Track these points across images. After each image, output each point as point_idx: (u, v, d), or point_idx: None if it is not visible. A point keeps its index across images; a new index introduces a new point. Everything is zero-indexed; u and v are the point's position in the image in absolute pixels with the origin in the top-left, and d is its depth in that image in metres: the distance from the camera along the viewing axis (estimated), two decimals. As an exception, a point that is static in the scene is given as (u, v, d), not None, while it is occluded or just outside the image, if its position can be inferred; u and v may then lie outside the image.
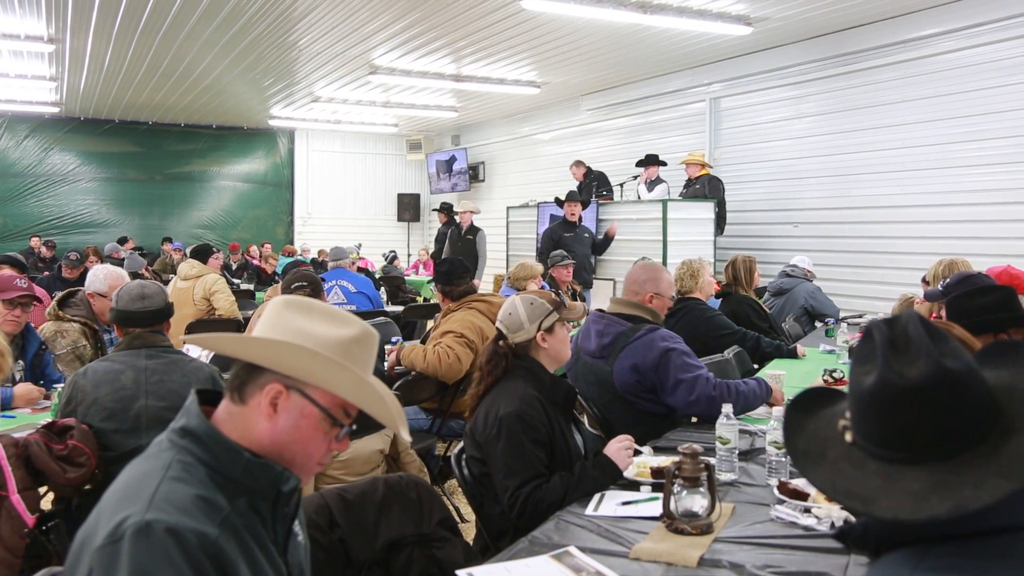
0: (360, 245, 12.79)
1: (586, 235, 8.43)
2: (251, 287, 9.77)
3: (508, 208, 11.06)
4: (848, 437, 1.14)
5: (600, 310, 3.39)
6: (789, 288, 6.62)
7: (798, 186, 8.78)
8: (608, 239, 8.61)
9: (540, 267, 6.55)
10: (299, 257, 13.01)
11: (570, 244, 8.05)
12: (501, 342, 2.66)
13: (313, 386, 1.44)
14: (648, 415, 3.18)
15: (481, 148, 15.26)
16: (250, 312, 6.30)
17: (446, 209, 11.68)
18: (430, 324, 5.78)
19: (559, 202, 8.62)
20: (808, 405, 1.26)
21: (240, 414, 1.44)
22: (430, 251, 13.40)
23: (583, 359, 3.34)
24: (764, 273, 7.27)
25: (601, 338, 3.27)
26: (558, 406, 2.59)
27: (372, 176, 16.85)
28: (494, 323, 4.28)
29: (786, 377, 3.63)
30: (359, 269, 8.51)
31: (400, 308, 7.52)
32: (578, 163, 10.44)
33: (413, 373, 4.05)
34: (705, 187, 8.85)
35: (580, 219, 8.58)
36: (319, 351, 1.44)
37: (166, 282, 6.66)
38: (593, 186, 9.89)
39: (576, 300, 6.99)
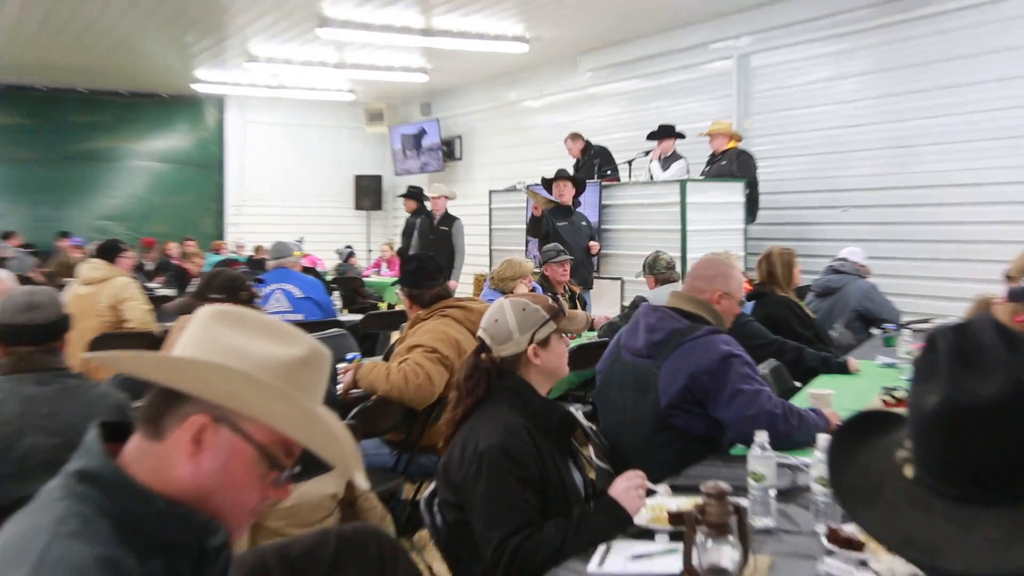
0: (302, 240, 12.76)
1: (583, 223, 8.46)
2: (171, 293, 9.73)
3: (491, 192, 11.09)
4: (909, 472, 1.14)
5: (650, 304, 3.46)
6: (838, 287, 6.66)
7: (847, 161, 8.85)
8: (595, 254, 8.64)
9: (530, 264, 6.55)
10: (231, 255, 12.98)
11: (566, 234, 8.07)
12: (484, 356, 2.66)
13: (248, 418, 1.43)
14: (684, 436, 3.22)
15: (457, 119, 15.28)
16: (169, 324, 6.27)
17: (415, 194, 11.67)
18: (395, 336, 5.77)
19: (546, 183, 8.65)
20: (859, 432, 1.27)
21: (155, 453, 1.43)
22: (395, 246, 13.40)
23: (624, 358, 3.39)
24: (807, 269, 7.29)
25: (651, 333, 3.32)
26: (552, 436, 2.58)
27: (323, 154, 16.85)
28: (474, 334, 4.28)
29: (835, 397, 3.65)
30: (305, 269, 8.49)
31: (358, 317, 7.51)
32: (575, 136, 10.48)
33: (374, 397, 4.04)
34: (733, 163, 8.90)
35: (576, 204, 8.60)
36: (256, 374, 1.43)
37: (62, 287, 6.60)
38: (594, 164, 9.93)
39: (576, 306, 7.02)
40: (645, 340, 3.33)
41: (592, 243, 8.38)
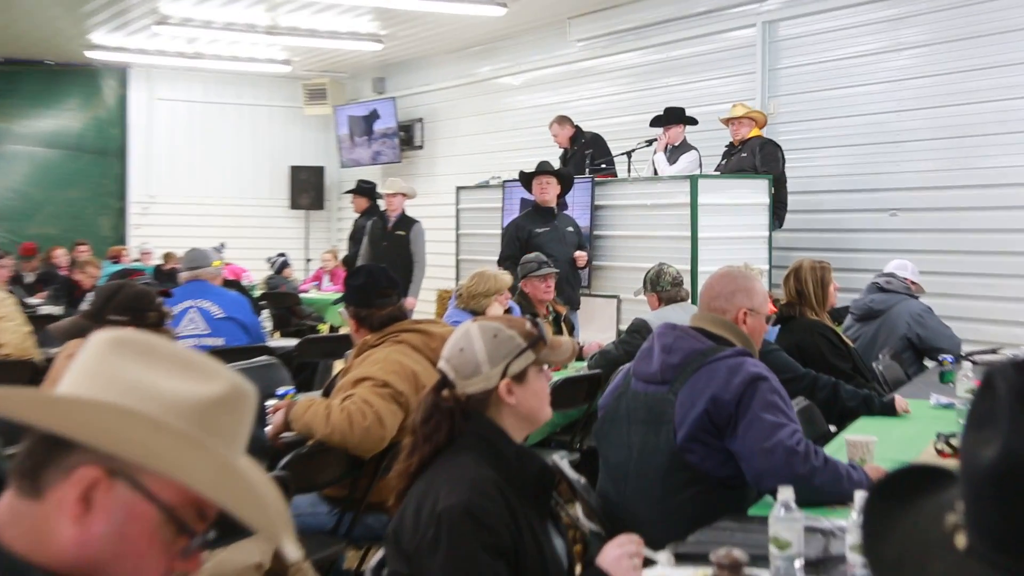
0: (223, 246, 12.73)
1: (569, 229, 8.50)
2: (57, 311, 9.66)
3: (459, 189, 11.12)
4: (961, 541, 1.15)
5: (669, 324, 3.54)
6: (883, 309, 6.71)
7: (896, 154, 8.95)
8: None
9: (507, 278, 6.56)
10: (133, 264, 12.90)
11: (545, 244, 8.09)
12: (445, 393, 2.67)
13: (151, 472, 1.43)
14: (702, 478, 3.26)
15: (418, 98, 15.32)
16: (54, 351, 6.23)
17: (365, 191, 11.69)
18: (338, 366, 5.75)
19: (524, 178, 8.68)
20: (902, 490, 1.27)
21: (32, 514, 1.43)
22: (340, 254, 13.39)
23: (634, 389, 3.47)
24: (845, 286, 7.35)
25: (668, 355, 3.39)
26: (529, 493, 2.59)
27: (251, 140, 16.85)
28: (434, 365, 4.29)
29: (878, 445, 3.67)
30: (227, 283, 8.45)
31: (292, 342, 7.50)
32: (562, 121, 10.53)
33: (310, 443, 4.03)
34: (755, 156, 8.97)
35: (562, 205, 8.63)
36: (162, 418, 1.43)
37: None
38: (586, 156, 9.98)
39: (561, 330, 7.04)
40: (660, 363, 3.40)
41: (579, 253, 8.42)
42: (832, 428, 4.76)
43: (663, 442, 3.32)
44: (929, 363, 6.67)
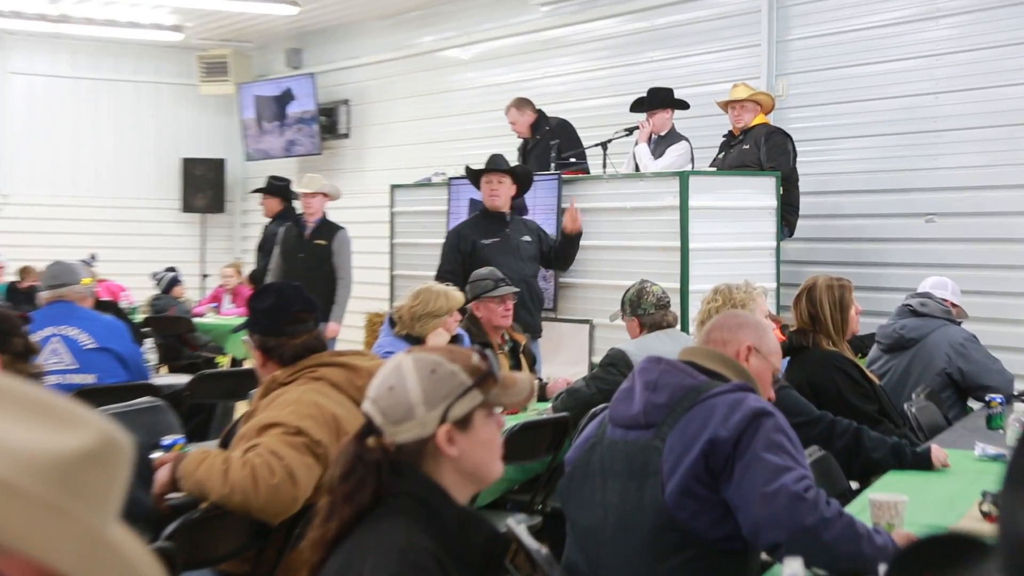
0: (95, 258, 12.61)
1: (526, 239, 8.48)
2: None
3: (393, 188, 11.13)
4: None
5: (653, 357, 3.58)
6: (917, 337, 6.76)
7: (932, 145, 9.05)
8: (571, 237, 8.63)
9: (460, 296, 6.55)
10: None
11: (492, 258, 8.06)
12: (371, 441, 2.67)
13: (-1, 547, 1.43)
14: (694, 541, 3.27)
15: (343, 75, 15.30)
16: None
17: (277, 190, 11.63)
18: (241, 409, 5.72)
19: (472, 176, 8.66)
20: (931, 563, 1.30)
21: None
22: (244, 269, 13.31)
23: (610, 437, 3.51)
24: (869, 309, 7.40)
25: (652, 393, 3.43)
26: (474, 567, 2.59)
27: (132, 125, 16.75)
28: (360, 407, 4.28)
29: (909, 506, 3.70)
30: (100, 304, 8.39)
31: (183, 379, 7.45)
32: (521, 105, 10.55)
33: (204, 506, 4.01)
34: (760, 147, 9.03)
35: (519, 209, 8.63)
36: (13, 479, 1.42)
37: None
38: (552, 147, 9.99)
39: (520, 364, 7.04)
40: (643, 404, 3.42)
41: (569, 208, 8.45)
42: (854, 485, 4.80)
43: (647, 499, 3.33)
44: (974, 404, 6.71)
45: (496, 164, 8.55)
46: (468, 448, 2.65)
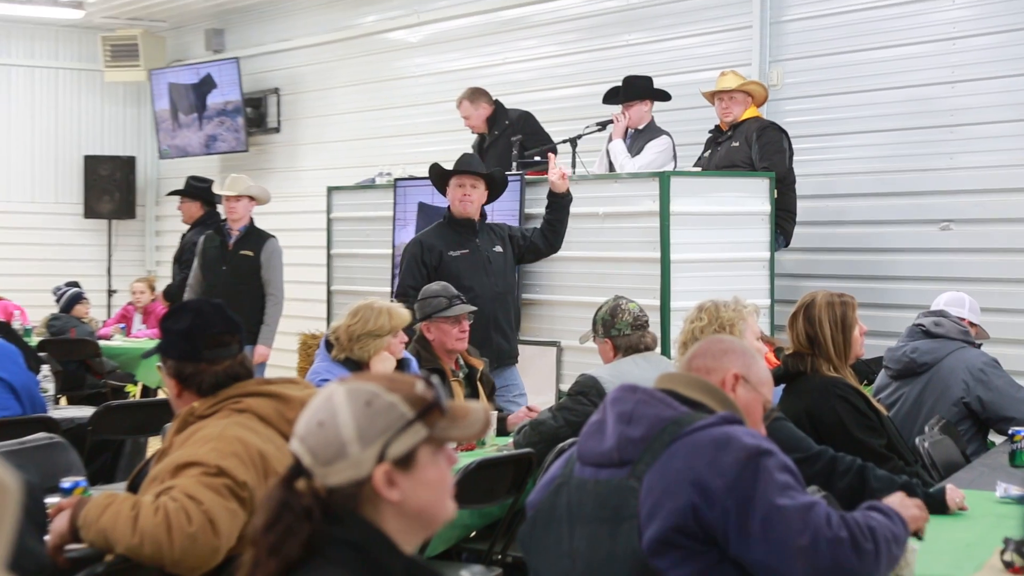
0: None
1: (497, 249, 8.42)
2: None
3: (331, 190, 11.13)
4: None
5: (627, 385, 3.57)
6: (931, 362, 6.78)
7: (948, 143, 9.10)
8: (563, 200, 8.40)
9: (405, 313, 6.54)
10: None
11: (462, 272, 8.03)
12: (301, 485, 2.66)
13: None
14: None
15: (272, 60, 15.28)
16: None
17: (197, 192, 11.58)
18: (153, 446, 5.69)
19: (437, 177, 8.60)
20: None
21: None
22: (159, 284, 13.23)
23: (579, 476, 3.50)
24: (876, 330, 7.41)
25: (627, 426, 3.41)
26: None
27: (25, 117, 16.67)
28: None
29: (922, 554, 3.71)
30: (-8, 326, 8.36)
31: (86, 412, 7.40)
32: (475, 96, 10.53)
33: (109, 558, 3.99)
34: (750, 144, 9.07)
35: (485, 215, 8.62)
36: None
37: None
38: (513, 144, 9.98)
39: (477, 392, 7.04)
40: (617, 438, 3.40)
41: (552, 166, 8.31)
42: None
43: (621, 547, 3.32)
44: (996, 438, 6.74)
45: (469, 165, 8.42)
46: (412, 490, 2.62)
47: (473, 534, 5.84)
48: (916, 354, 6.80)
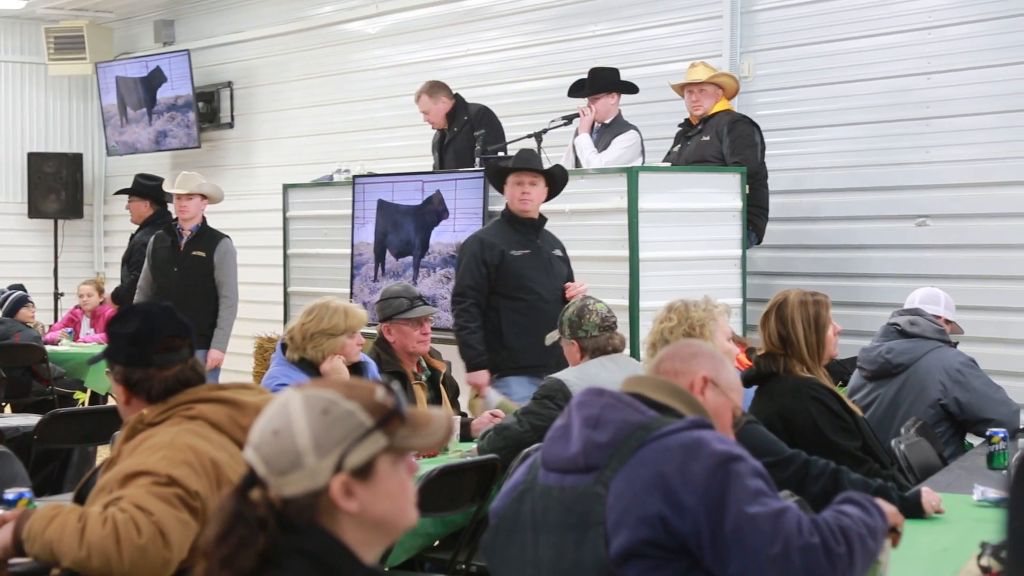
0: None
1: (557, 253, 8.24)
2: None
3: (287, 188, 11.12)
4: None
5: (593, 388, 3.57)
6: (906, 363, 6.80)
7: (924, 135, 9.14)
8: None
9: (362, 313, 6.53)
10: None
11: (525, 273, 7.99)
12: (255, 495, 2.65)
13: None
14: None
15: (225, 52, 15.25)
16: None
17: (147, 191, 11.54)
18: (103, 455, 5.67)
19: (495, 175, 8.46)
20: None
21: None
22: (106, 286, 13.18)
23: (543, 482, 3.49)
24: (851, 329, 7.43)
25: (592, 431, 3.40)
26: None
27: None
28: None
29: (897, 558, 3.72)
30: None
31: (31, 420, 7.38)
32: (434, 91, 10.51)
33: (56, 572, 3.97)
34: (721, 138, 9.09)
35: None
36: None
37: None
38: (476, 139, 9.98)
39: (440, 397, 7.04)
40: (583, 442, 3.40)
41: (573, 285, 8.15)
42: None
43: (589, 555, 3.32)
44: (973, 439, 6.77)
45: (528, 163, 8.24)
46: (370, 501, 2.61)
47: (436, 543, 5.84)
48: (891, 355, 6.82)
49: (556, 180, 8.24)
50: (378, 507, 2.62)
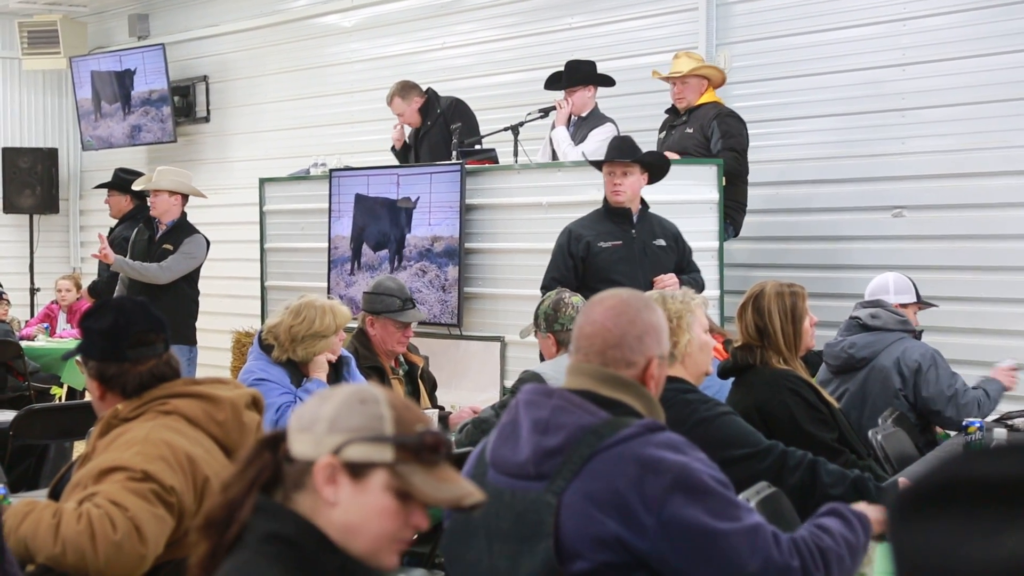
0: None
1: (659, 243, 8.09)
2: None
3: (263, 182, 11.13)
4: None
5: (538, 387, 3.54)
6: (869, 357, 6.84)
7: (900, 127, 9.16)
8: None
9: (345, 313, 6.53)
10: None
11: (613, 265, 7.90)
12: (280, 449, 2.68)
13: None
14: None
15: (200, 46, 15.23)
16: None
17: (123, 185, 11.52)
18: (80, 450, 5.67)
19: (595, 165, 8.24)
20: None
21: None
22: (85, 281, 13.15)
23: (493, 484, 3.43)
24: (827, 320, 7.44)
25: (543, 436, 3.35)
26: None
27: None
28: (222, 446, 4.26)
29: (878, 549, 3.73)
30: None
31: (7, 415, 7.36)
32: (406, 91, 10.49)
33: (31, 568, 3.96)
34: (705, 131, 9.11)
35: (647, 204, 8.27)
36: None
37: None
38: (453, 132, 9.98)
39: (417, 391, 7.05)
40: (533, 448, 3.36)
41: (659, 279, 7.95)
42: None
43: (541, 565, 3.29)
44: (950, 435, 6.78)
45: (618, 152, 8.10)
46: (348, 503, 2.60)
47: (415, 537, 5.83)
48: (854, 349, 6.87)
49: (654, 167, 8.14)
50: (351, 514, 2.62)
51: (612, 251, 7.94)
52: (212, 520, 2.65)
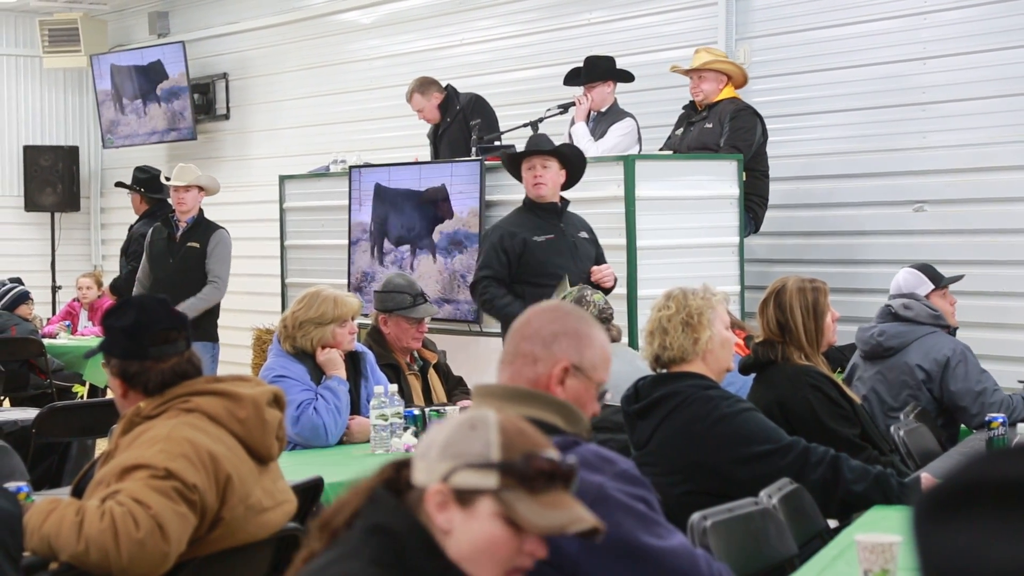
0: None
1: (582, 235, 8.20)
2: None
3: (283, 179, 11.13)
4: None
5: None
6: (897, 347, 6.82)
7: (921, 121, 9.12)
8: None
9: (354, 302, 6.52)
10: None
11: (549, 259, 7.91)
12: (403, 475, 2.70)
13: None
14: None
15: (220, 43, 15.23)
16: None
17: (145, 182, 11.53)
18: (103, 448, 5.67)
19: (511, 164, 8.28)
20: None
21: None
22: (106, 278, 13.17)
23: None
24: (850, 316, 7.42)
25: None
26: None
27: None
28: (244, 443, 4.26)
29: (903, 548, 3.72)
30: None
31: (30, 414, 7.37)
32: (425, 88, 10.49)
33: (54, 566, 3.96)
34: (723, 124, 9.09)
35: (567, 200, 8.27)
36: None
37: None
38: (472, 128, 9.95)
39: (429, 386, 7.03)
40: None
41: (597, 268, 8.06)
42: (832, 523, 4.81)
43: None
44: (975, 432, 6.74)
45: (536, 145, 8.18)
46: (459, 532, 2.60)
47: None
48: (883, 337, 6.83)
49: (571, 162, 8.13)
50: (461, 544, 2.62)
51: (547, 245, 7.98)
52: (327, 521, 2.67)
